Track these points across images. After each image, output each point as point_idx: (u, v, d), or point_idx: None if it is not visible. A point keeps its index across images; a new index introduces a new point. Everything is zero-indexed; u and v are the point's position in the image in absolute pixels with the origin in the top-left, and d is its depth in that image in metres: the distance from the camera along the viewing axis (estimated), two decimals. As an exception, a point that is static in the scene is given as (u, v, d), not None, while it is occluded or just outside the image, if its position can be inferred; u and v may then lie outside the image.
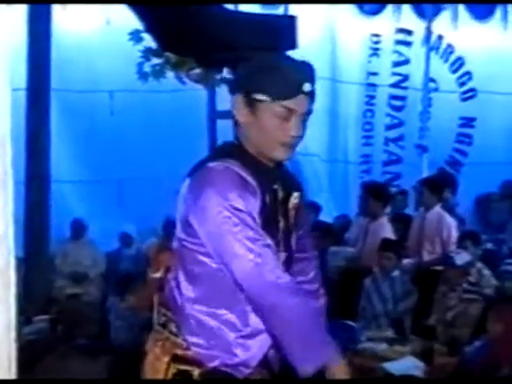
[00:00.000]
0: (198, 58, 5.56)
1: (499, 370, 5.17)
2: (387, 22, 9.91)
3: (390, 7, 9.74)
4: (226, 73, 5.65)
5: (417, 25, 9.93)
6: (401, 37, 10.19)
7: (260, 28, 5.40)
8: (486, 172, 10.08)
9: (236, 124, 2.51)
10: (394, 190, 9.09)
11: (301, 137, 2.47)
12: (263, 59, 2.48)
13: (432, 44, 10.14)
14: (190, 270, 2.50)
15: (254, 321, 2.47)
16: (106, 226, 8.27)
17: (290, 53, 5.63)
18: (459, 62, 10.72)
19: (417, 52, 10.00)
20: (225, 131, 5.93)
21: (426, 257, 7.64)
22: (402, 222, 8.11)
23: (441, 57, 10.55)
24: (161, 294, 2.62)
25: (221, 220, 2.35)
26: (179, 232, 2.54)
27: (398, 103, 10.46)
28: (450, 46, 10.58)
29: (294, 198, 2.60)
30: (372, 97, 10.16)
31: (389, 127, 10.39)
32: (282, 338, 2.32)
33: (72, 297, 7.64)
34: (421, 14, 9.77)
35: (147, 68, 5.57)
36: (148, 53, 5.56)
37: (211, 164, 2.44)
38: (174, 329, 2.53)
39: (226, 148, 2.56)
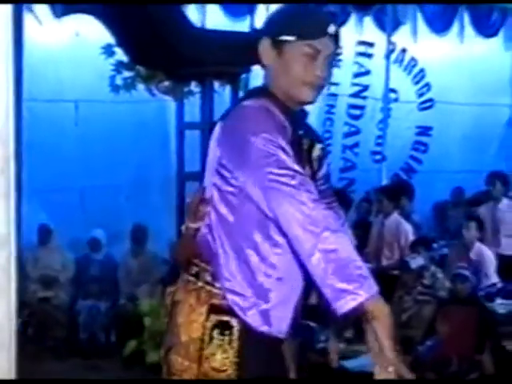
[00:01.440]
0: (167, 72, 5.83)
1: (449, 367, 5.52)
2: (349, 34, 10.13)
3: (352, 20, 9.93)
4: (193, 86, 5.91)
5: (379, 37, 10.19)
6: (362, 49, 10.42)
7: (227, 44, 5.69)
8: (442, 179, 10.44)
9: (264, 69, 2.56)
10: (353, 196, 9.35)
11: (325, 78, 2.50)
12: (288, 5, 2.56)
13: (396, 57, 10.51)
14: (224, 215, 2.48)
15: (283, 267, 2.46)
16: (73, 232, 8.45)
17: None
18: (421, 74, 11.05)
19: (378, 64, 10.21)
20: (192, 142, 6.24)
21: (385, 262, 7.95)
22: (361, 228, 8.40)
23: (404, 69, 10.85)
24: (192, 245, 2.56)
25: (262, 162, 2.30)
26: (212, 178, 2.50)
27: (356, 112, 10.70)
28: (413, 58, 10.86)
29: (318, 148, 2.63)
30: (332, 106, 10.39)
31: (346, 135, 10.64)
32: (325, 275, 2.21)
33: (43, 300, 7.82)
34: (382, 27, 10.03)
35: (119, 81, 5.80)
36: (120, 66, 5.78)
37: (245, 103, 2.47)
38: (208, 278, 2.50)
39: (256, 91, 2.58)
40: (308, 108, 2.63)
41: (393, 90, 10.37)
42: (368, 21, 9.92)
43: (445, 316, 6.06)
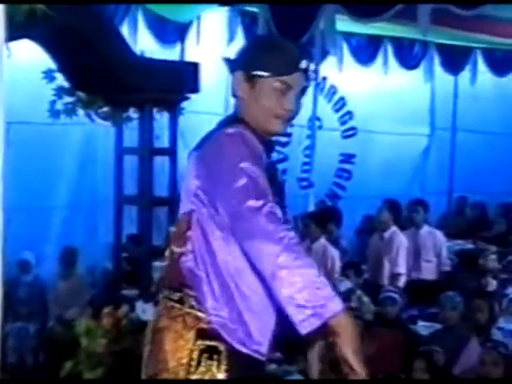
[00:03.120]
0: (106, 98, 5.94)
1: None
2: None
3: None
4: (132, 112, 6.03)
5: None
6: None
7: (164, 73, 5.85)
8: (365, 205, 10.77)
9: (235, 99, 2.65)
10: None
11: (295, 111, 2.62)
12: (262, 39, 2.73)
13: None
14: (206, 240, 2.54)
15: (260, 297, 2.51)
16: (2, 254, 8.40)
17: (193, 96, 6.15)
18: (341, 102, 11.38)
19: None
20: (131, 166, 6.35)
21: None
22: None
23: (325, 97, 11.14)
24: (176, 270, 2.60)
25: (240, 192, 2.36)
26: (191, 205, 2.56)
27: (283, 139, 10.97)
28: (333, 86, 11.17)
29: (280, 175, 2.78)
30: None
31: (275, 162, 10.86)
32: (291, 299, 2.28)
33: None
34: (308, 56, 10.25)
35: (59, 106, 5.88)
36: (60, 91, 5.87)
37: (223, 130, 2.53)
38: (193, 303, 2.54)
39: (230, 119, 2.65)
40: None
41: (317, 118, 10.65)
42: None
43: (371, 337, 6.30)
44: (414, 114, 11.88)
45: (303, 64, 2.58)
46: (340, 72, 10.75)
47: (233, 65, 2.65)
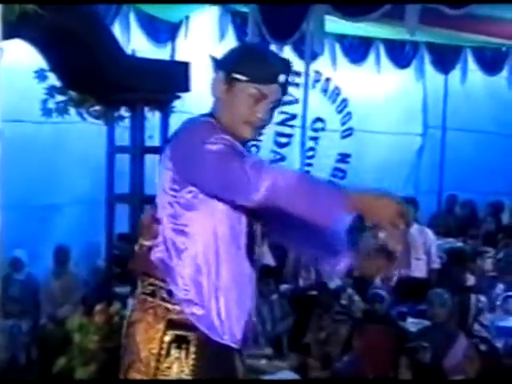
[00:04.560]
0: (98, 97, 5.99)
1: (364, 379, 5.82)
2: None
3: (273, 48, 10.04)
4: (124, 111, 6.08)
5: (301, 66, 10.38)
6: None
7: (156, 72, 5.90)
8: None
9: (214, 100, 2.69)
10: None
11: (266, 121, 2.65)
12: (250, 46, 2.76)
13: (321, 86, 10.82)
14: (179, 229, 2.61)
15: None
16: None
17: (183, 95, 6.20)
18: (344, 104, 11.41)
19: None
20: (122, 165, 6.40)
21: (302, 283, 8.25)
22: (279, 249, 8.66)
23: (329, 98, 11.23)
24: (147, 263, 2.67)
25: (219, 154, 2.43)
26: (164, 197, 2.63)
27: (283, 140, 10.94)
28: (336, 88, 11.25)
29: None
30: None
31: (271, 162, 10.83)
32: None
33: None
34: (301, 55, 10.21)
35: (51, 105, 5.92)
36: (52, 90, 5.91)
37: (197, 118, 2.65)
38: (164, 295, 2.62)
39: (203, 115, 2.71)
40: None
41: (320, 119, 10.66)
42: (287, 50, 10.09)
43: (361, 334, 6.38)
44: (407, 113, 11.98)
45: (282, 78, 2.61)
46: (335, 72, 10.80)
47: (217, 64, 2.73)
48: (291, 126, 10.78)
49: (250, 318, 2.71)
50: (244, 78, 2.59)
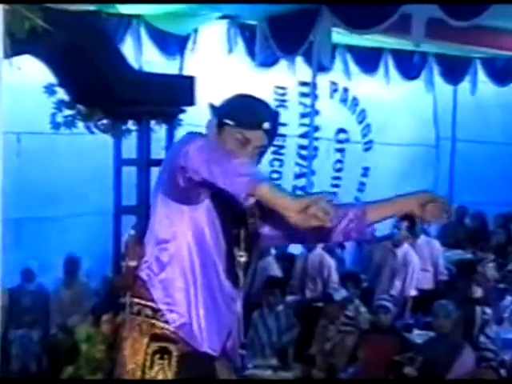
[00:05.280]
0: (106, 111, 6.10)
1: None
2: (287, 74, 10.08)
3: (284, 60, 10.04)
4: (131, 124, 6.18)
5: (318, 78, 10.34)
6: (304, 89, 10.42)
7: (162, 86, 6.01)
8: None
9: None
10: None
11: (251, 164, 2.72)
12: (240, 95, 2.87)
13: (340, 96, 10.84)
14: (162, 247, 2.81)
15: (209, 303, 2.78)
16: (7, 263, 8.45)
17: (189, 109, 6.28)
18: (363, 114, 11.31)
19: (324, 104, 10.37)
20: (129, 178, 6.48)
21: (308, 294, 8.29)
22: (286, 260, 8.72)
23: (349, 108, 11.16)
24: (131, 285, 2.87)
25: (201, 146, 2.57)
26: (152, 217, 2.83)
27: (306, 153, 10.73)
28: (355, 98, 11.22)
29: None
30: (281, 147, 10.44)
31: (297, 176, 10.72)
32: None
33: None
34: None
35: (60, 118, 6.04)
36: (61, 104, 6.02)
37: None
38: (149, 312, 2.81)
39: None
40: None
41: (343, 130, 10.64)
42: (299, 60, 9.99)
43: (366, 344, 6.42)
44: (418, 124, 11.96)
45: (266, 125, 2.78)
46: (349, 82, 10.78)
47: (213, 111, 2.88)
48: (316, 139, 10.60)
49: (231, 330, 2.87)
50: (231, 122, 2.78)
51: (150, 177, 6.05)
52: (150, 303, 2.81)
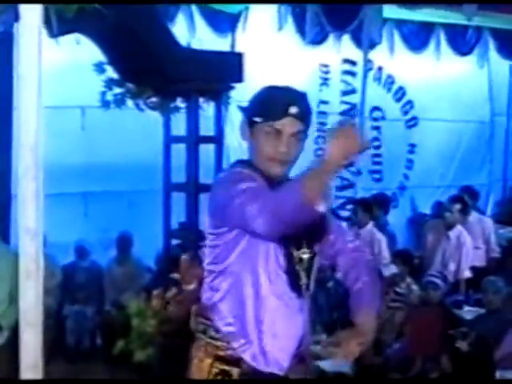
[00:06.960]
0: (155, 89, 6.16)
1: (413, 365, 5.88)
2: (332, 52, 10.03)
3: (331, 37, 10.05)
4: (179, 102, 6.23)
5: (358, 55, 10.32)
6: (346, 67, 10.51)
7: (210, 63, 6.05)
8: (424, 195, 10.81)
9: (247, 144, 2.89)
10: None
11: (291, 154, 2.78)
12: (261, 89, 2.83)
13: (373, 75, 10.78)
14: (220, 270, 2.84)
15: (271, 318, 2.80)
16: (66, 238, 8.51)
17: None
18: (401, 92, 11.22)
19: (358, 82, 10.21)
20: (178, 154, 6.51)
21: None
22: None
23: (383, 87, 11.07)
24: (197, 305, 2.98)
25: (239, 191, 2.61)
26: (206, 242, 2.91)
27: None
28: (389, 76, 11.06)
29: None
30: (323, 123, 10.24)
31: None
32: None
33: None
34: (359, 44, 10.12)
35: (109, 97, 6.11)
36: (110, 83, 6.09)
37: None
38: (213, 333, 2.86)
39: (240, 161, 2.93)
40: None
41: (377, 108, 10.60)
42: (345, 38, 9.84)
43: (413, 318, 6.41)
44: (471, 100, 11.80)
45: (293, 109, 2.74)
46: (392, 60, 10.72)
47: (242, 112, 2.90)
48: (352, 116, 10.64)
49: (300, 345, 2.86)
50: (258, 119, 2.78)
51: (199, 154, 6.09)
52: (212, 323, 2.86)
